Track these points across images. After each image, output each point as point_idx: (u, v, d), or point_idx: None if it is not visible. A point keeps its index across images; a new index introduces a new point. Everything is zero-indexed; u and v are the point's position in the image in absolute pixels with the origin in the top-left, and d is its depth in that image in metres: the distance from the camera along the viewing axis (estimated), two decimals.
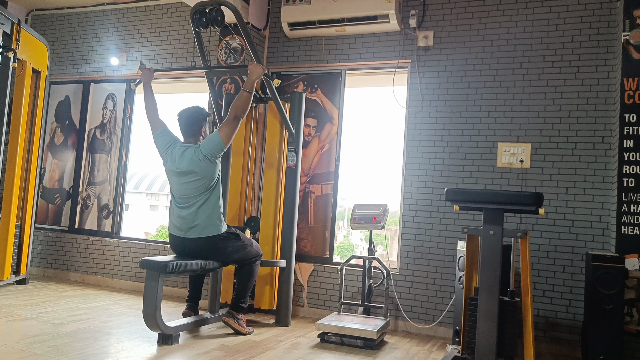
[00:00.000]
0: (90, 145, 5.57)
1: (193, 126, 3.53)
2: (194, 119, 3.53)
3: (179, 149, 3.45)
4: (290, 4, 4.51)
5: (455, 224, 4.05)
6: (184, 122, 3.54)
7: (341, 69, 4.60)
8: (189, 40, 5.11)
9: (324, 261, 4.47)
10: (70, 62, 5.78)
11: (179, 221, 3.45)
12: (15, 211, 4.71)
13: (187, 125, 3.53)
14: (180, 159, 3.41)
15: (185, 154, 3.41)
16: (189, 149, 3.43)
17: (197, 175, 3.38)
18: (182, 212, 3.43)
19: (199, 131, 3.55)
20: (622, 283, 3.15)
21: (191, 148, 3.43)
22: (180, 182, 3.44)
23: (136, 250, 5.14)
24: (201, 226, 3.40)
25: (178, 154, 3.43)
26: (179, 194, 3.46)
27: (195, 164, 3.37)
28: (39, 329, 3.34)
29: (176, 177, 3.45)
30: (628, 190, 3.43)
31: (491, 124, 4.04)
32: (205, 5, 3.62)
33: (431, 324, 4.03)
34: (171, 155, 3.46)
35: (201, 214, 3.40)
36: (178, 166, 3.41)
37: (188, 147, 3.44)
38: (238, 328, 3.56)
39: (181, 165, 3.40)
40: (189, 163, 3.38)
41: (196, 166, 3.37)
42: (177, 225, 3.46)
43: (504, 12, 4.09)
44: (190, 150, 3.41)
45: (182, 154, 3.42)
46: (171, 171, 3.47)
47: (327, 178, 4.56)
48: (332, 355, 3.24)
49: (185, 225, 3.42)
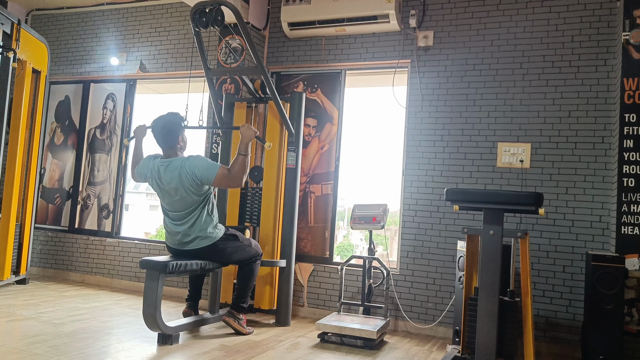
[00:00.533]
0: (90, 145, 5.57)
1: (168, 137, 3.38)
2: (168, 131, 3.38)
3: (162, 165, 3.33)
4: (290, 4, 4.50)
5: (455, 224, 4.05)
6: (159, 134, 3.39)
7: (341, 69, 4.60)
8: (189, 40, 5.11)
9: (324, 261, 4.47)
10: (70, 62, 5.78)
11: (175, 237, 3.42)
12: (15, 211, 4.71)
13: (163, 137, 3.39)
14: (165, 174, 3.30)
15: (170, 167, 3.30)
16: (173, 162, 3.32)
17: (185, 190, 3.28)
18: (176, 229, 3.39)
19: (176, 140, 3.40)
20: (622, 283, 3.15)
21: (176, 161, 3.31)
22: (171, 199, 3.35)
23: (136, 250, 5.14)
24: (198, 238, 3.39)
25: (162, 170, 3.32)
26: (171, 209, 3.39)
27: (182, 179, 3.26)
28: (39, 329, 3.34)
29: (166, 195, 3.36)
30: (628, 190, 3.43)
31: (491, 124, 4.04)
32: (205, 5, 3.62)
33: (431, 324, 4.03)
34: (156, 177, 3.36)
35: (196, 228, 3.37)
36: (164, 182, 3.30)
37: (172, 161, 3.32)
38: (238, 328, 3.56)
39: (166, 180, 3.29)
40: (176, 178, 3.27)
41: (183, 181, 3.26)
42: (173, 240, 3.44)
43: (504, 12, 4.09)
44: (176, 164, 3.30)
45: (167, 169, 3.31)
46: (159, 189, 3.39)
47: (327, 178, 4.56)
48: (332, 355, 3.24)
49: (181, 239, 3.40)
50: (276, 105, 4.00)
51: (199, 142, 5.00)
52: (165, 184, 3.31)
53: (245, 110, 4.40)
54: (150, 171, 3.40)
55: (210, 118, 4.85)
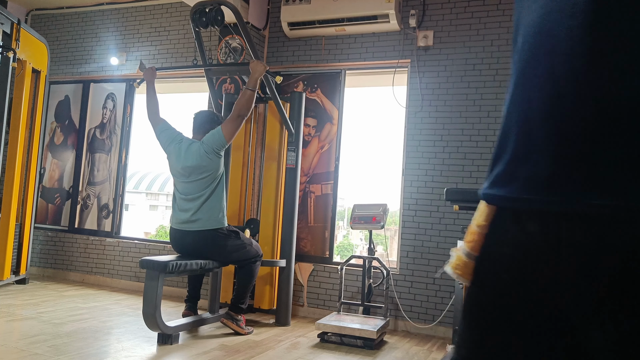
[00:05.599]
0: (90, 145, 5.57)
1: (206, 125, 3.61)
2: (210, 119, 3.65)
3: (186, 143, 3.53)
4: (290, 4, 4.50)
5: (455, 224, 4.05)
6: (200, 119, 3.66)
7: (341, 68, 4.60)
8: (188, 40, 5.11)
9: (324, 261, 4.47)
10: (70, 62, 5.78)
11: (182, 214, 3.49)
12: (15, 211, 4.71)
13: (202, 123, 3.64)
14: (186, 154, 3.49)
15: (192, 147, 3.49)
16: (194, 143, 3.52)
17: (202, 170, 3.44)
18: (186, 205, 3.48)
19: (208, 131, 3.58)
20: None
21: (196, 143, 3.52)
22: (185, 181, 3.50)
23: (136, 250, 5.14)
24: (204, 219, 3.44)
25: (184, 148, 3.51)
26: (184, 191, 3.52)
27: (201, 157, 3.44)
28: (38, 328, 3.34)
29: (181, 176, 3.51)
30: None
31: (491, 124, 4.04)
32: (205, 4, 3.62)
33: (431, 323, 4.03)
34: (177, 150, 3.52)
35: (205, 208, 3.46)
36: (184, 162, 3.47)
37: (194, 142, 3.54)
38: (237, 329, 3.56)
39: (187, 161, 3.47)
40: (195, 157, 3.45)
41: (202, 160, 3.44)
42: (180, 218, 3.49)
43: (504, 12, 4.09)
44: (196, 145, 3.50)
45: (188, 148, 3.50)
46: (176, 169, 3.53)
47: (327, 178, 4.56)
48: (332, 355, 3.24)
49: (188, 217, 3.45)
50: (276, 105, 4.00)
51: None
52: (185, 162, 3.47)
53: None
54: (176, 145, 3.55)
55: None
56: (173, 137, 3.58)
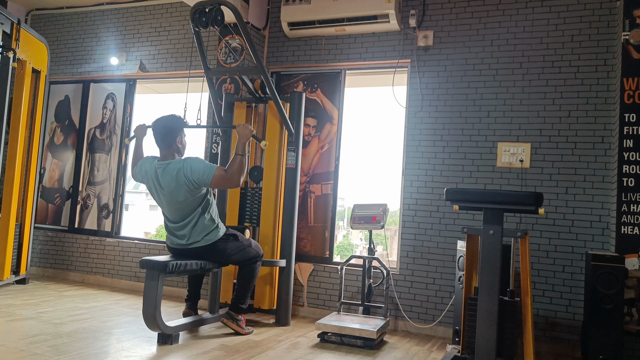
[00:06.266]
0: (90, 145, 5.57)
1: (168, 137, 3.36)
2: (169, 129, 3.37)
3: (159, 167, 3.31)
4: (290, 4, 4.50)
5: (455, 224, 4.05)
6: (159, 132, 3.38)
7: (341, 68, 4.60)
8: (188, 40, 5.11)
9: (324, 261, 4.47)
10: (70, 62, 5.78)
11: (178, 240, 3.42)
12: (15, 211, 4.71)
13: (162, 135, 3.36)
14: (162, 176, 3.28)
15: (168, 170, 3.27)
16: (170, 164, 3.28)
17: (184, 194, 3.26)
18: (179, 232, 3.40)
19: (174, 141, 3.37)
20: (622, 283, 3.15)
21: (174, 164, 3.28)
22: (172, 208, 3.35)
23: (136, 250, 5.14)
24: (201, 240, 3.39)
25: (159, 172, 3.30)
26: (173, 219, 3.41)
27: (181, 182, 3.23)
28: (38, 328, 3.34)
29: (167, 205, 3.35)
30: (628, 190, 3.43)
31: (491, 124, 4.04)
32: (205, 4, 3.62)
33: (431, 323, 4.03)
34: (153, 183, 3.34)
35: (198, 229, 3.38)
36: (162, 184, 3.28)
37: (169, 164, 3.29)
38: (237, 329, 3.56)
39: (164, 182, 3.27)
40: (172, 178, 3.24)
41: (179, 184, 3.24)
42: (176, 242, 3.44)
43: (504, 11, 4.09)
44: (173, 167, 3.26)
45: (164, 171, 3.28)
46: (160, 201, 3.40)
47: (327, 178, 4.56)
48: (332, 355, 3.24)
49: (184, 242, 3.40)
50: (276, 105, 4.00)
51: (199, 142, 5.01)
52: (164, 187, 3.29)
53: (245, 110, 4.40)
54: (147, 172, 3.39)
55: (210, 118, 4.85)
56: (144, 173, 3.40)
